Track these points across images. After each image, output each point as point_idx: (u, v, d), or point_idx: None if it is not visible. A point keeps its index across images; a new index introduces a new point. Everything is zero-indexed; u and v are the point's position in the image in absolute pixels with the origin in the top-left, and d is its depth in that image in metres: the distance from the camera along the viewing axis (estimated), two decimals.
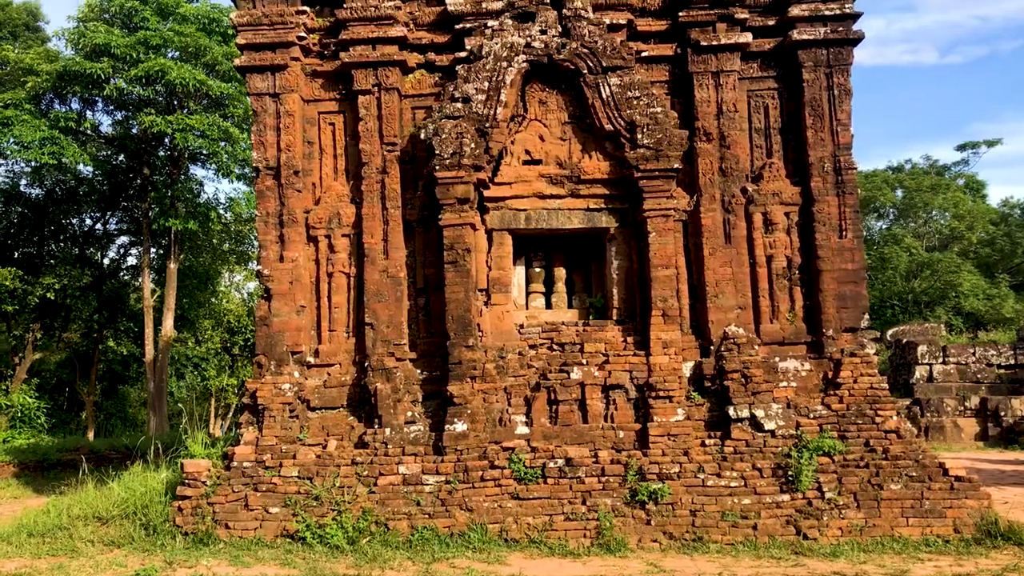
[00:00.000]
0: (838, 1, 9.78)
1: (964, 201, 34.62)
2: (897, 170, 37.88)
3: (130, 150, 23.88)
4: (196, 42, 21.60)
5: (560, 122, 9.93)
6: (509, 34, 9.67)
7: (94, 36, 21.12)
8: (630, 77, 9.56)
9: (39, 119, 21.65)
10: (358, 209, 10.03)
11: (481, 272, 9.79)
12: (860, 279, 9.71)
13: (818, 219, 9.72)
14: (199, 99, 22.89)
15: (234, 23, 10.00)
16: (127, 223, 26.62)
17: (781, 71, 10.09)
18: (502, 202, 9.87)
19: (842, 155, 9.75)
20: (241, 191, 25.83)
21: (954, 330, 26.81)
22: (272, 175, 10.00)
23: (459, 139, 9.34)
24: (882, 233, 35.67)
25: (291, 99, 10.03)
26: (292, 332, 9.80)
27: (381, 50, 9.96)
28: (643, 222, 9.56)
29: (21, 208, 25.14)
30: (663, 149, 9.36)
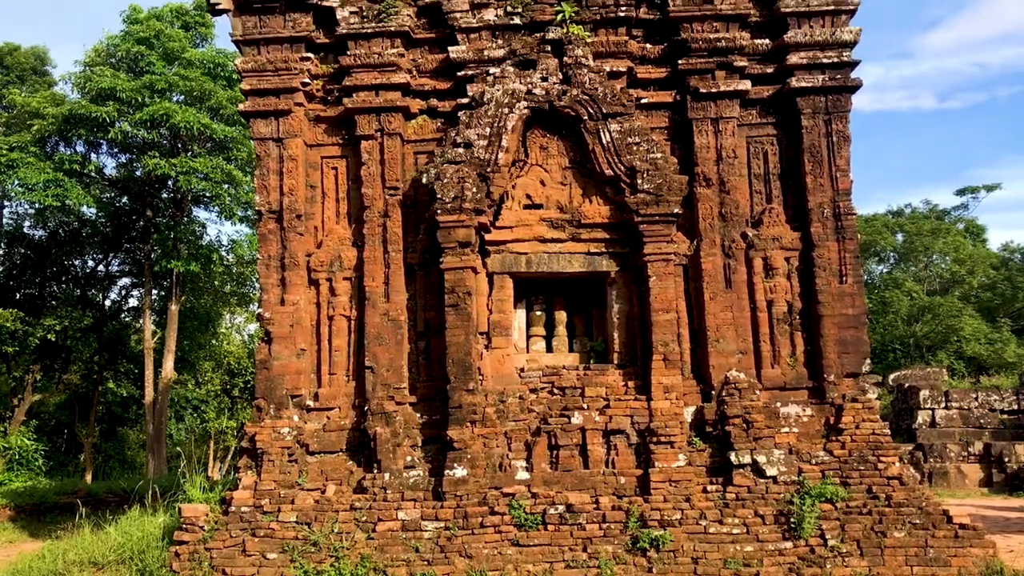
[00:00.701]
0: (836, 49, 9.90)
1: (964, 245, 34.74)
2: (897, 214, 38.08)
3: (134, 192, 24.04)
4: (201, 86, 21.84)
5: (561, 167, 10.01)
6: (511, 81, 9.78)
7: (100, 80, 21.37)
8: (630, 123, 9.64)
9: (44, 161, 21.83)
10: (359, 252, 10.07)
11: (482, 315, 9.80)
12: (861, 324, 9.71)
13: (818, 264, 9.74)
14: (203, 142, 23.09)
15: (239, 69, 10.13)
16: (129, 265, 26.71)
17: (780, 117, 10.19)
18: (503, 246, 9.90)
19: (841, 201, 9.80)
20: (243, 233, 25.94)
21: (956, 375, 26.72)
22: (274, 219, 10.05)
23: (461, 183, 9.41)
24: (883, 277, 35.74)
25: (294, 144, 10.12)
26: (292, 375, 9.78)
27: (384, 96, 10.07)
28: (644, 266, 9.59)
29: (24, 249, 25.25)
30: (663, 194, 9.41)
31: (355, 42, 10.10)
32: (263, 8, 10.02)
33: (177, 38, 22.69)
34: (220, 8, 10.02)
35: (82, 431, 26.74)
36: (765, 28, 10.16)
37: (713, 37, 9.86)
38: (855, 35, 9.90)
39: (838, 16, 9.94)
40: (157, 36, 22.48)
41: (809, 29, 9.91)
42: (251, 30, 10.09)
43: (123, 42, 22.69)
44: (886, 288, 33.57)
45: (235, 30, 10.13)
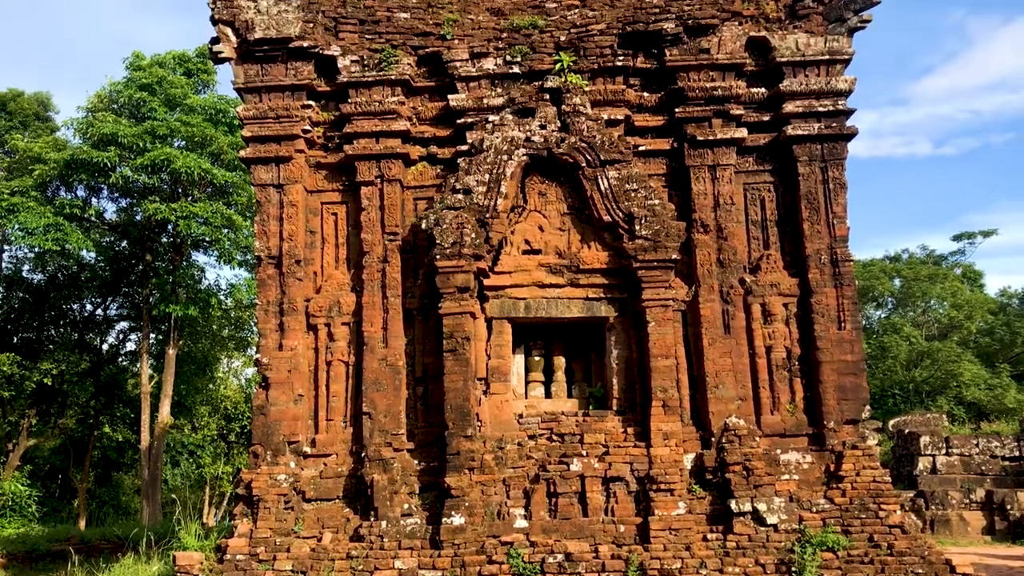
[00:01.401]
0: (831, 98, 10.01)
1: (962, 291, 34.81)
2: (895, 260, 38.19)
3: (133, 236, 24.14)
4: (202, 132, 22.04)
5: (559, 213, 10.06)
6: (509, 128, 9.88)
7: (102, 126, 21.58)
8: (628, 170, 9.72)
9: (45, 206, 21.95)
10: (358, 298, 10.07)
11: (480, 361, 9.78)
12: (860, 371, 9.70)
13: (816, 311, 9.75)
14: (204, 187, 23.24)
15: (240, 116, 10.22)
16: (127, 309, 26.72)
17: (777, 165, 10.27)
18: (502, 291, 9.92)
19: (839, 247, 9.85)
20: (242, 277, 25.99)
21: (956, 420, 26.61)
22: (274, 264, 10.08)
23: (460, 229, 9.45)
24: (881, 322, 35.74)
25: (295, 190, 10.18)
26: (289, 421, 9.73)
27: (384, 143, 10.15)
28: (642, 312, 9.60)
29: (22, 293, 25.29)
30: (661, 240, 9.46)
31: (356, 90, 10.21)
32: (265, 57, 10.15)
33: (179, 84, 22.96)
34: (223, 57, 10.15)
35: (76, 476, 26.52)
36: (761, 77, 10.29)
37: (709, 86, 9.98)
38: (850, 84, 10.02)
39: (833, 65, 10.07)
40: (159, 82, 22.74)
41: (804, 78, 10.03)
42: (253, 78, 10.20)
43: (126, 88, 22.95)
44: (885, 333, 33.56)
45: (237, 78, 10.25)
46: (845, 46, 10.02)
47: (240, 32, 10.12)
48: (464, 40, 10.25)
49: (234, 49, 10.18)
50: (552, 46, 10.21)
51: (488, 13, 10.44)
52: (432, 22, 10.35)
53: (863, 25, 10.04)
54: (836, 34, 10.05)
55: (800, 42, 10.03)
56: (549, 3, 10.52)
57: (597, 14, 10.26)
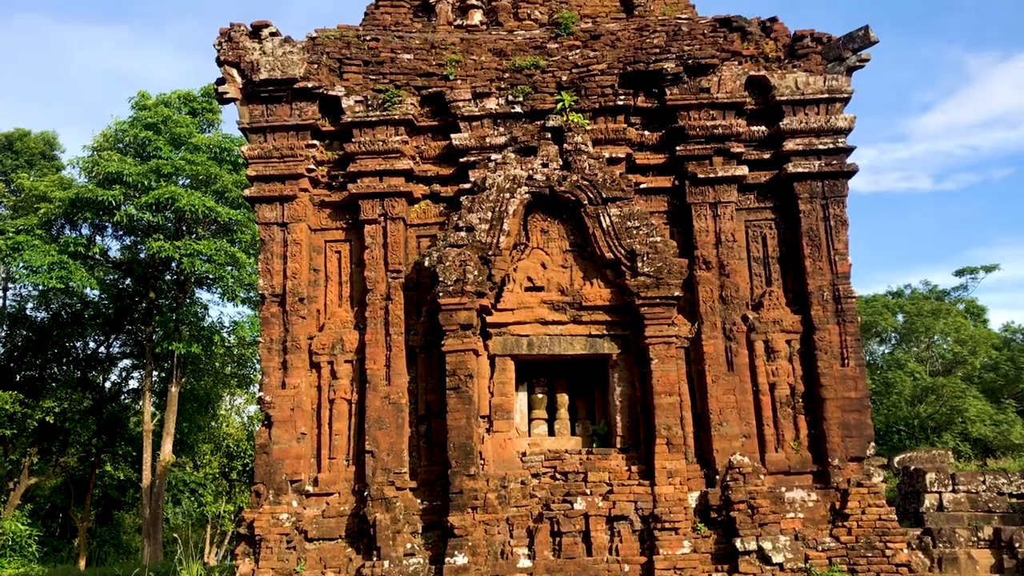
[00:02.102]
0: (831, 136, 10.10)
1: (966, 326, 34.72)
2: (897, 295, 38.17)
3: (137, 274, 24.21)
4: (207, 170, 22.21)
5: (562, 250, 10.10)
6: (512, 167, 9.95)
7: (107, 165, 21.75)
8: (629, 208, 9.77)
9: (49, 244, 22.06)
10: (361, 335, 10.08)
11: (483, 398, 9.76)
12: (864, 407, 9.67)
13: (819, 347, 9.75)
14: (208, 225, 23.35)
15: (245, 156, 10.31)
16: (130, 346, 26.73)
17: (778, 202, 10.33)
18: (505, 328, 9.93)
19: (841, 284, 9.87)
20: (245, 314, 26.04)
21: (962, 457, 26.43)
22: (277, 302, 10.10)
23: (463, 266, 9.49)
24: (885, 358, 35.63)
25: (299, 228, 10.23)
26: (292, 460, 9.69)
27: (388, 182, 10.22)
28: (645, 349, 9.60)
29: (26, 331, 25.31)
30: (663, 277, 9.48)
31: (360, 130, 10.30)
32: (270, 97, 10.26)
33: (184, 123, 23.17)
34: (228, 97, 10.26)
35: (77, 515, 26.36)
36: (761, 115, 10.38)
37: (710, 124, 10.07)
38: (849, 122, 10.10)
39: (832, 104, 10.16)
40: (164, 122, 22.95)
41: (804, 116, 10.12)
42: (258, 118, 10.31)
43: (131, 127, 23.16)
44: (888, 369, 33.45)
45: (242, 118, 10.35)
46: (844, 85, 10.12)
47: (245, 73, 10.24)
48: (467, 80, 10.36)
49: (239, 90, 10.29)
50: (554, 86, 10.32)
51: (490, 54, 10.57)
52: (435, 63, 10.47)
53: (861, 64, 10.14)
54: (835, 73, 10.15)
55: (799, 81, 10.13)
56: (550, 44, 10.66)
57: (598, 54, 10.38)
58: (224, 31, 10.35)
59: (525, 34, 10.95)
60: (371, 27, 11.14)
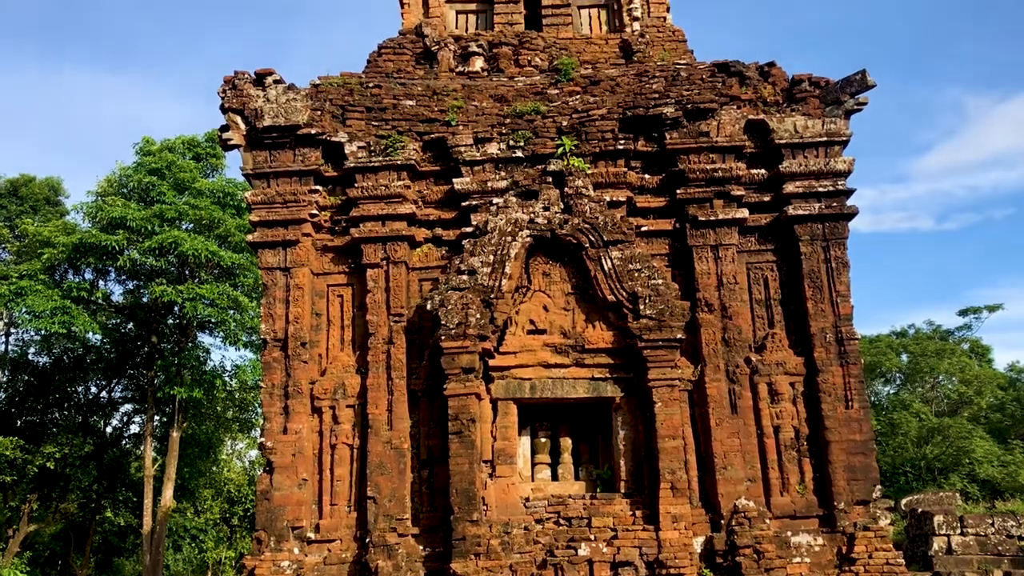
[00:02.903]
0: (831, 179, 10.15)
1: (971, 366, 34.58)
2: (901, 335, 38.07)
3: (139, 319, 24.21)
4: (210, 215, 22.31)
5: (564, 293, 10.11)
6: (513, 211, 10.00)
7: (111, 210, 21.85)
8: (631, 250, 9.80)
9: (52, 289, 22.07)
10: (363, 379, 10.06)
11: (486, 443, 9.71)
12: (869, 450, 9.60)
13: (823, 390, 9.71)
14: (211, 269, 23.40)
15: (248, 201, 10.37)
16: (132, 391, 26.63)
17: (779, 244, 10.36)
18: (507, 372, 9.90)
19: (843, 326, 9.86)
20: (247, 358, 25.98)
21: (970, 499, 26.17)
22: (279, 347, 10.10)
23: (464, 310, 9.49)
24: (890, 398, 35.44)
25: (301, 273, 10.26)
26: (293, 506, 9.62)
27: (390, 226, 10.27)
28: (648, 392, 9.56)
29: (27, 376, 25.24)
30: (665, 320, 9.48)
31: (363, 175, 10.37)
32: (274, 143, 10.35)
33: (188, 168, 23.33)
34: (232, 144, 10.36)
35: (77, 562, 26.08)
36: (760, 158, 10.45)
37: (710, 167, 10.14)
38: (849, 165, 10.17)
39: (831, 147, 10.23)
40: (169, 167, 23.11)
41: (804, 159, 10.19)
42: (261, 164, 10.39)
43: (135, 173, 23.31)
44: (894, 410, 33.25)
45: (246, 164, 10.43)
46: (842, 128, 10.20)
47: (249, 120, 10.34)
48: (468, 126, 10.45)
49: (243, 136, 10.39)
50: (554, 131, 10.41)
51: (492, 100, 10.68)
52: (437, 109, 10.58)
53: (859, 108, 10.23)
54: (833, 116, 10.24)
55: (798, 124, 10.21)
56: (551, 89, 10.78)
57: (598, 100, 10.49)
58: (228, 79, 10.47)
59: (526, 80, 11.07)
60: (374, 74, 11.27)
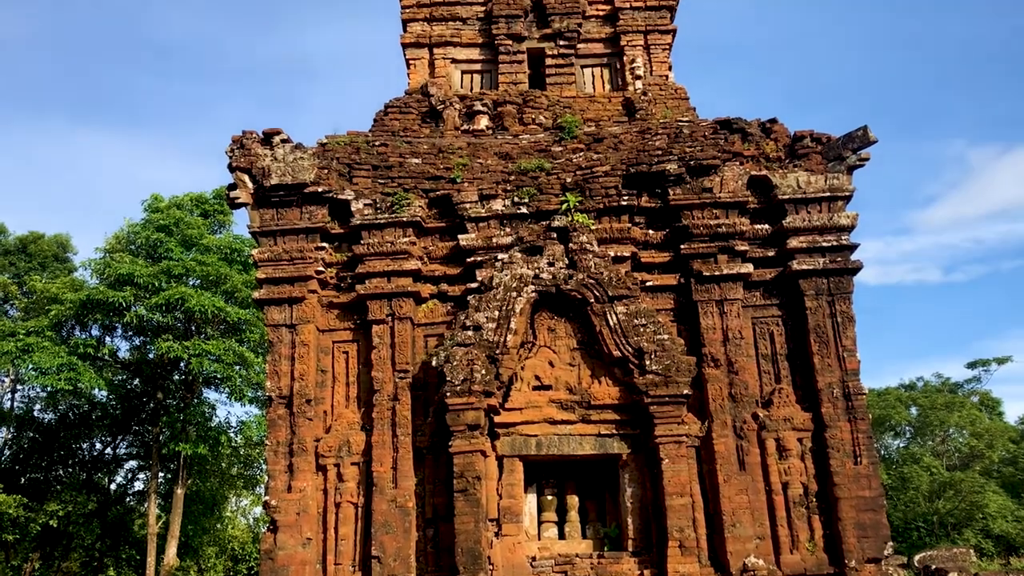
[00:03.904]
0: (834, 233, 10.19)
1: (981, 419, 34.30)
2: (910, 388, 37.86)
3: (145, 374, 24.25)
4: (217, 271, 22.47)
5: (569, 348, 10.09)
6: (518, 266, 10.04)
7: (119, 267, 22.02)
8: (636, 306, 9.80)
9: (59, 345, 22.15)
10: (368, 436, 10.01)
11: (492, 501, 9.61)
12: (879, 506, 9.48)
13: (831, 445, 9.63)
14: (216, 324, 23.47)
15: (255, 259, 10.43)
16: (137, 447, 26.56)
17: (784, 299, 10.36)
18: (513, 428, 9.85)
19: (850, 381, 9.81)
20: (252, 414, 25.93)
21: (985, 555, 25.77)
22: (284, 404, 10.07)
23: (470, 366, 9.47)
24: (900, 452, 35.11)
25: (307, 330, 10.28)
26: (297, 566, 9.50)
27: (396, 282, 10.31)
28: (655, 448, 9.49)
29: (32, 433, 25.20)
30: (672, 375, 9.44)
31: (369, 232, 10.45)
32: (281, 202, 10.45)
33: (196, 225, 23.56)
34: (239, 202, 10.46)
35: None
36: (764, 214, 10.50)
37: (713, 223, 10.19)
38: (852, 220, 10.21)
39: (834, 202, 10.28)
40: (177, 224, 23.34)
41: (807, 214, 10.24)
42: (268, 222, 10.47)
43: (143, 229, 23.55)
44: (904, 464, 32.92)
45: (253, 222, 10.52)
46: (845, 183, 10.27)
47: (257, 178, 10.46)
48: (473, 183, 10.54)
49: (251, 195, 10.49)
50: (558, 187, 10.49)
51: (496, 157, 10.80)
52: (442, 166, 10.69)
53: (862, 163, 10.31)
54: (836, 172, 10.31)
55: (801, 180, 10.28)
56: (555, 147, 10.89)
57: (601, 156, 10.59)
58: (236, 138, 10.61)
59: (530, 138, 11.21)
60: (380, 132, 11.42)
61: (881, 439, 34.85)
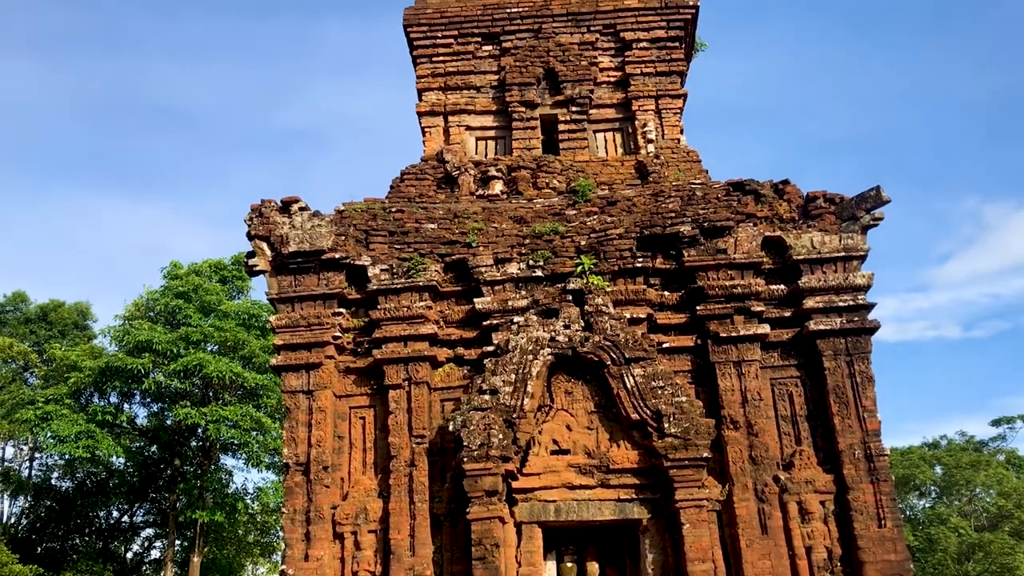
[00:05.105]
0: (850, 293, 10.17)
1: (1008, 478, 33.69)
2: (933, 446, 37.32)
3: (163, 441, 24.26)
4: (235, 336, 22.61)
5: (587, 411, 10.04)
6: (534, 329, 10.05)
7: (138, 333, 22.21)
8: (653, 368, 9.77)
9: (78, 413, 22.24)
10: (385, 503, 9.93)
11: (511, 568, 9.48)
12: (906, 571, 9.28)
13: (854, 508, 9.47)
14: (234, 390, 23.53)
15: (273, 325, 10.50)
16: (154, 515, 26.46)
17: (802, 359, 10.30)
18: (531, 493, 9.75)
19: (872, 442, 9.69)
20: (269, 480, 25.83)
21: None
22: (301, 471, 10.04)
23: (487, 430, 9.43)
24: (926, 512, 34.45)
25: (324, 395, 10.29)
26: None
27: (412, 347, 10.34)
28: (676, 513, 9.36)
29: (50, 501, 25.15)
30: (691, 438, 9.36)
31: (385, 297, 10.51)
32: (299, 268, 10.56)
33: (214, 291, 23.78)
34: (258, 270, 10.57)
35: None
36: (779, 274, 10.50)
37: (729, 284, 10.19)
38: (868, 279, 10.20)
39: (849, 262, 10.28)
40: (195, 290, 23.56)
41: (823, 275, 10.23)
42: (286, 289, 10.57)
43: (162, 296, 23.79)
44: (931, 524, 32.27)
45: (271, 289, 10.62)
46: (860, 243, 10.28)
47: (275, 246, 10.59)
48: (488, 247, 10.63)
49: (269, 262, 10.61)
50: (573, 250, 10.56)
51: (511, 221, 10.90)
52: (458, 231, 10.79)
53: (875, 223, 10.33)
54: (850, 232, 10.33)
55: (815, 240, 10.31)
56: (569, 210, 10.99)
57: (615, 219, 10.67)
58: (255, 207, 10.77)
59: (544, 202, 11.32)
60: (396, 199, 11.57)
61: (906, 499, 34.25)
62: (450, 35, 12.79)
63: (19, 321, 28.58)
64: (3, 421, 23.54)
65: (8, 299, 29.62)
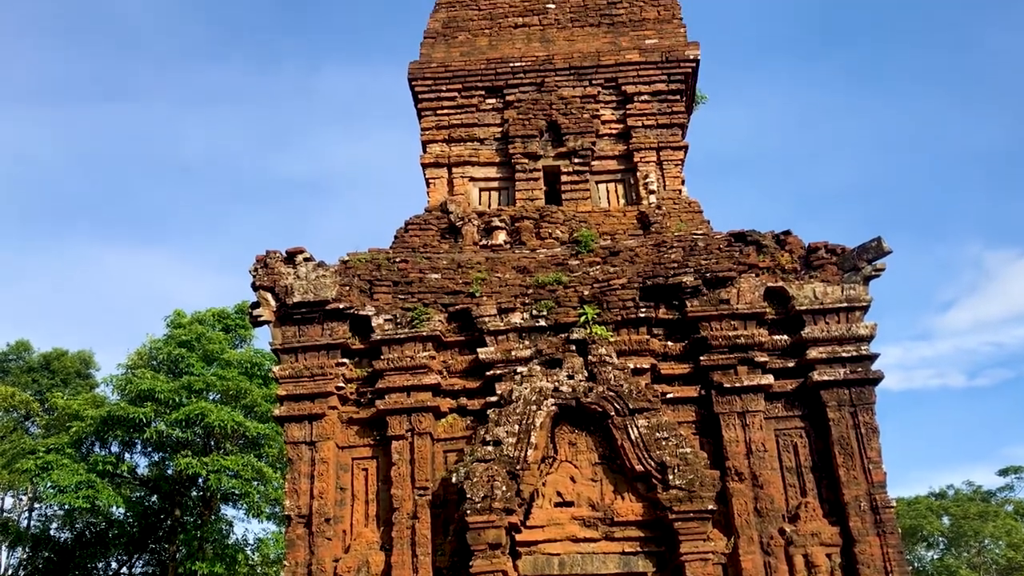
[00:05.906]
0: (854, 344, 10.17)
1: (1017, 529, 33.32)
2: (940, 496, 36.96)
3: (163, 491, 24.06)
4: (237, 385, 22.55)
5: (591, 463, 9.99)
6: (538, 379, 10.04)
7: (140, 382, 22.18)
8: (657, 418, 9.74)
9: (78, 463, 22.12)
10: (387, 556, 9.83)
11: None
12: None
13: (861, 561, 9.37)
14: (236, 439, 23.41)
15: (276, 376, 10.50)
16: (153, 566, 26.14)
17: (806, 410, 10.26)
18: (534, 546, 9.66)
19: (877, 493, 9.62)
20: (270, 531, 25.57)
21: None
22: (303, 523, 9.96)
23: (490, 482, 9.37)
24: (935, 564, 34.02)
25: (326, 446, 10.25)
26: None
27: (415, 397, 10.33)
28: (681, 566, 9.25)
29: (48, 552, 24.88)
30: (696, 490, 9.30)
31: (389, 347, 10.52)
32: (303, 319, 10.58)
33: (217, 340, 23.79)
34: (262, 320, 10.61)
35: None
36: (782, 324, 10.52)
37: (732, 334, 10.20)
38: (871, 330, 10.21)
39: (852, 312, 10.30)
40: (198, 339, 23.57)
41: (825, 325, 10.24)
42: (290, 339, 10.59)
43: (165, 345, 23.80)
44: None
45: (275, 339, 10.63)
46: (862, 294, 10.31)
47: (279, 296, 10.63)
48: (492, 297, 10.67)
49: (273, 312, 10.64)
50: (576, 300, 10.59)
51: (514, 271, 10.95)
52: (461, 281, 10.84)
53: (877, 274, 10.36)
54: (852, 282, 10.36)
55: (817, 291, 10.33)
56: (572, 260, 11.05)
57: (618, 270, 10.72)
58: (260, 258, 10.84)
59: (547, 252, 11.38)
60: (400, 249, 11.63)
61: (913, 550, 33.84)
62: (454, 88, 12.97)
63: (22, 370, 28.60)
64: (3, 471, 23.45)
65: (11, 348, 29.72)
